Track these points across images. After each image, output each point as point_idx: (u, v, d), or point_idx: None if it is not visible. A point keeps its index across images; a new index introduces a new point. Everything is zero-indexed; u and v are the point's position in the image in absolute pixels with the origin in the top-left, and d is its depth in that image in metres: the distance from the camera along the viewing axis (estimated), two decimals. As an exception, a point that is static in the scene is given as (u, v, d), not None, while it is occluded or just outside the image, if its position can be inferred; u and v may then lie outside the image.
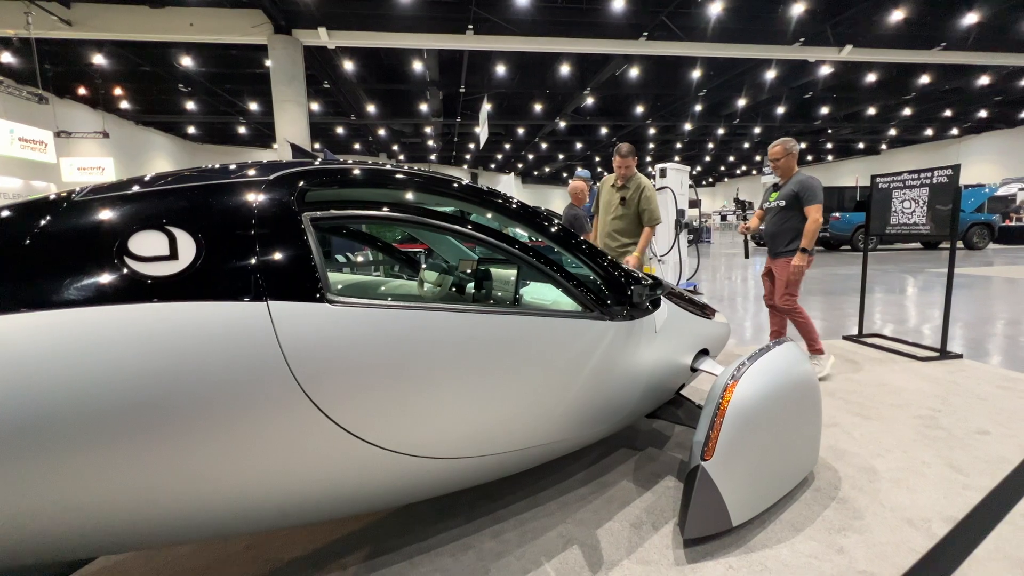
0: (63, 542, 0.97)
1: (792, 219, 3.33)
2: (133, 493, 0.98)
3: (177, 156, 27.33)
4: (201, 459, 1.01)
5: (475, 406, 1.40)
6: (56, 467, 0.89)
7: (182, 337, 0.95)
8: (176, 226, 1.04)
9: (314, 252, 1.15)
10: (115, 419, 0.91)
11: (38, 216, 0.98)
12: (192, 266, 1.01)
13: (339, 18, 14.01)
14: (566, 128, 24.00)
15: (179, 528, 1.09)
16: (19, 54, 14.83)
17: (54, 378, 0.86)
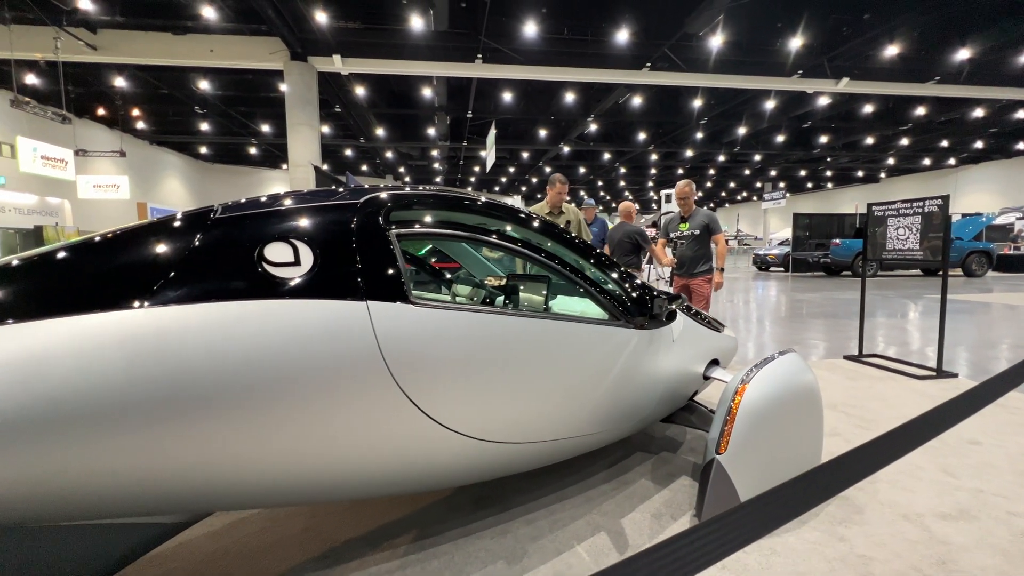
0: (199, 494, 1.16)
1: (705, 245, 4.11)
2: (257, 455, 1.17)
3: (189, 175, 27.93)
4: (311, 430, 1.21)
5: (525, 397, 1.61)
6: (214, 428, 1.08)
7: (303, 327, 1.17)
8: (298, 239, 1.27)
9: (399, 261, 1.37)
10: (251, 392, 1.11)
11: (192, 230, 1.21)
12: (311, 271, 1.23)
13: (353, 46, 14.61)
14: (570, 153, 24.62)
15: (288, 491, 1.28)
16: (44, 76, 15.41)
17: (210, 357, 1.06)
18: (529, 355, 1.60)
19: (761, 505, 0.72)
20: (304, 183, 15.04)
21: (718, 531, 0.66)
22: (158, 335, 1.03)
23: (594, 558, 1.66)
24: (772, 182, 31.77)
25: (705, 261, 4.13)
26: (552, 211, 4.03)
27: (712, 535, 0.65)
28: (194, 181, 28.32)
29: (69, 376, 0.95)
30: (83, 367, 0.96)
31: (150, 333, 1.02)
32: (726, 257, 4.19)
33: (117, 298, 1.04)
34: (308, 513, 1.95)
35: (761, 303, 9.51)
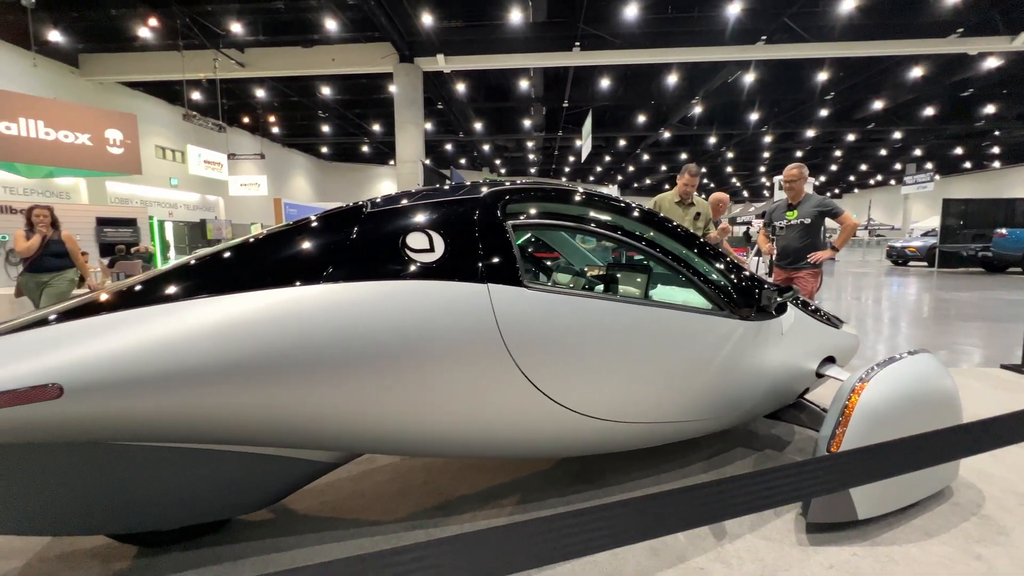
0: (351, 437, 1.44)
1: (815, 235, 3.68)
2: (395, 409, 1.41)
3: (313, 173, 31.32)
4: (439, 392, 1.43)
5: (626, 379, 1.70)
6: (366, 382, 1.34)
7: (436, 304, 1.38)
8: (432, 229, 1.49)
9: (515, 249, 1.54)
10: (394, 355, 1.35)
11: (351, 223, 1.48)
12: (443, 257, 1.45)
13: (455, 45, 15.25)
14: (670, 138, 23.43)
15: (416, 442, 1.52)
16: (205, 92, 18.23)
17: (367, 325, 1.31)
18: (631, 339, 1.68)
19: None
20: (410, 178, 16.15)
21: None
22: (331, 306, 1.29)
23: (691, 541, 1.70)
24: (916, 163, 27.24)
25: (812, 252, 3.69)
26: (682, 200, 3.87)
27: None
28: (317, 178, 31.72)
29: (268, 334, 1.24)
30: (278, 329, 1.25)
31: (325, 304, 1.29)
32: (847, 242, 3.66)
33: (299, 276, 1.32)
34: (427, 469, 2.22)
35: (897, 301, 8.36)
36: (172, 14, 13.26)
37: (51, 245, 4.17)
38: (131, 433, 1.22)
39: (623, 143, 25.07)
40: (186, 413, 1.20)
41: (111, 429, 1.18)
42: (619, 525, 1.09)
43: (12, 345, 1.09)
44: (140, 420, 1.17)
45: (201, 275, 1.36)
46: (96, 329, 1.14)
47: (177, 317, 1.19)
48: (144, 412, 1.16)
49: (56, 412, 1.05)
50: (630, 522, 1.08)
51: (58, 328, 1.14)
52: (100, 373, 1.07)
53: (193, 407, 1.19)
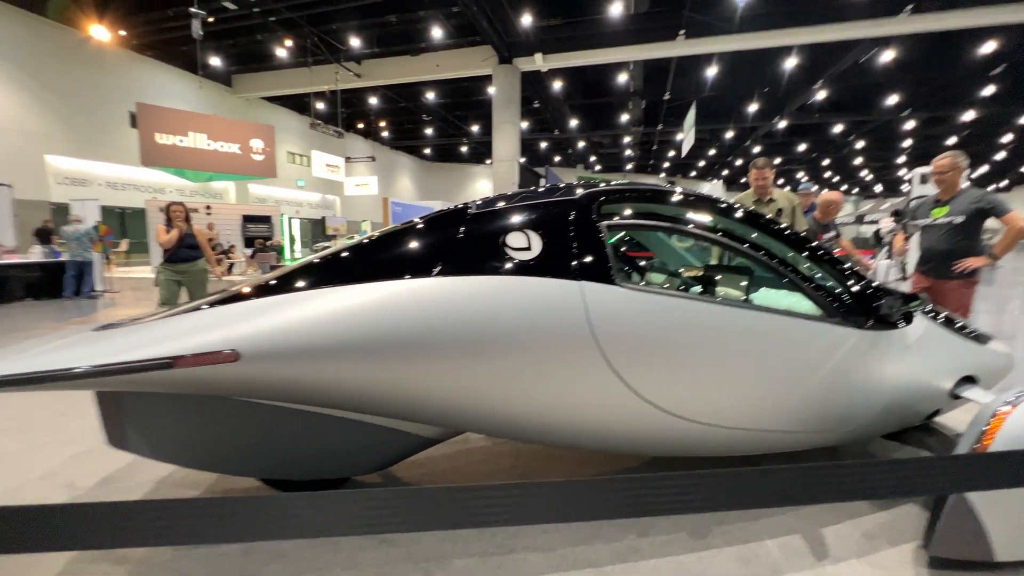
0: (454, 414, 1.59)
1: (971, 236, 3.05)
2: (492, 392, 1.52)
3: (416, 173, 33.44)
4: (533, 381, 1.51)
5: (720, 382, 1.64)
6: (468, 366, 1.47)
7: (534, 299, 1.48)
8: (530, 229, 1.59)
9: (608, 249, 1.58)
10: (493, 344, 1.46)
11: (459, 223, 1.63)
12: (539, 255, 1.54)
13: (553, 43, 15.31)
14: (786, 128, 21.33)
15: (510, 426, 1.62)
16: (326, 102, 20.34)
17: (472, 315, 1.44)
18: (726, 342, 1.62)
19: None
20: (506, 176, 16.59)
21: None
22: (441, 298, 1.44)
23: (785, 555, 1.60)
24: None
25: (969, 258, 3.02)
26: (759, 199, 3.61)
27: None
28: (419, 178, 33.81)
29: (391, 319, 1.41)
30: (398, 315, 1.42)
31: (436, 296, 1.44)
32: (1011, 248, 2.93)
33: (416, 270, 1.49)
34: (516, 455, 2.34)
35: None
36: (304, 34, 14.99)
37: (186, 238, 4.47)
38: (285, 394, 1.48)
39: (730, 135, 23.35)
40: (326, 380, 1.42)
41: (271, 389, 1.44)
42: (709, 492, 1.14)
43: (202, 319, 1.39)
44: (291, 383, 1.42)
45: (341, 266, 1.58)
46: (263, 308, 1.40)
47: (324, 300, 1.42)
48: (295, 377, 1.40)
49: (233, 373, 1.32)
50: (723, 491, 1.12)
51: (236, 306, 1.42)
52: (267, 343, 1.33)
53: (331, 376, 1.41)
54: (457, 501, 1.06)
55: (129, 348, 1.28)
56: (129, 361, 1.24)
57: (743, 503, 1.30)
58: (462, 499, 1.06)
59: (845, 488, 1.36)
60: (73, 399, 2.99)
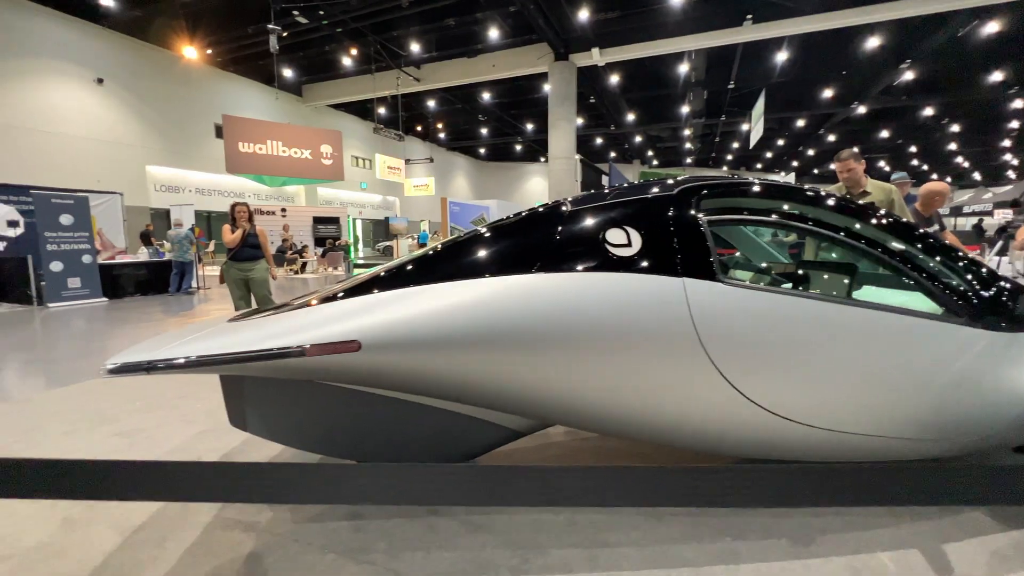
0: (547, 406, 1.62)
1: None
2: (588, 387, 1.54)
3: (471, 173, 34.01)
4: (631, 376, 1.52)
5: (830, 382, 1.56)
6: (568, 359, 1.50)
7: (634, 295, 1.48)
8: (629, 225, 1.59)
9: (710, 245, 1.55)
10: (594, 339, 1.48)
11: (557, 220, 1.66)
12: (639, 252, 1.53)
13: (610, 37, 15.03)
14: (866, 114, 19.71)
15: (603, 421, 1.63)
16: (387, 107, 21.13)
17: (575, 310, 1.47)
18: (837, 341, 1.53)
19: None
20: (562, 174, 16.51)
21: None
22: (545, 292, 1.48)
23: (902, 570, 1.50)
24: None
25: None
26: (850, 192, 3.32)
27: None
28: (474, 178, 34.36)
29: (495, 314, 1.46)
30: (502, 310, 1.47)
31: (539, 291, 1.48)
32: None
33: (519, 266, 1.53)
34: (596, 453, 2.34)
35: None
36: (367, 43, 15.65)
37: (249, 237, 4.53)
38: (397, 382, 1.57)
39: (801, 123, 21.92)
40: (434, 370, 1.50)
41: (385, 377, 1.54)
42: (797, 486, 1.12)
43: (328, 312, 1.51)
44: (404, 372, 1.51)
45: (448, 263, 1.65)
46: (381, 302, 1.51)
47: (435, 295, 1.50)
48: (407, 366, 1.49)
49: (354, 361, 1.42)
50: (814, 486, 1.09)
51: (357, 300, 1.54)
52: (384, 334, 1.42)
53: (439, 366, 1.49)
54: (529, 479, 1.12)
55: (268, 338, 1.41)
56: (269, 349, 1.38)
57: (842, 501, 1.26)
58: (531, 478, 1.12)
59: (953, 491, 1.26)
60: (187, 385, 3.33)
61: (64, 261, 7.22)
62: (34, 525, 1.74)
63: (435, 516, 1.80)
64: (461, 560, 1.57)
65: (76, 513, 1.82)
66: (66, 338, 5.16)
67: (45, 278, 7.13)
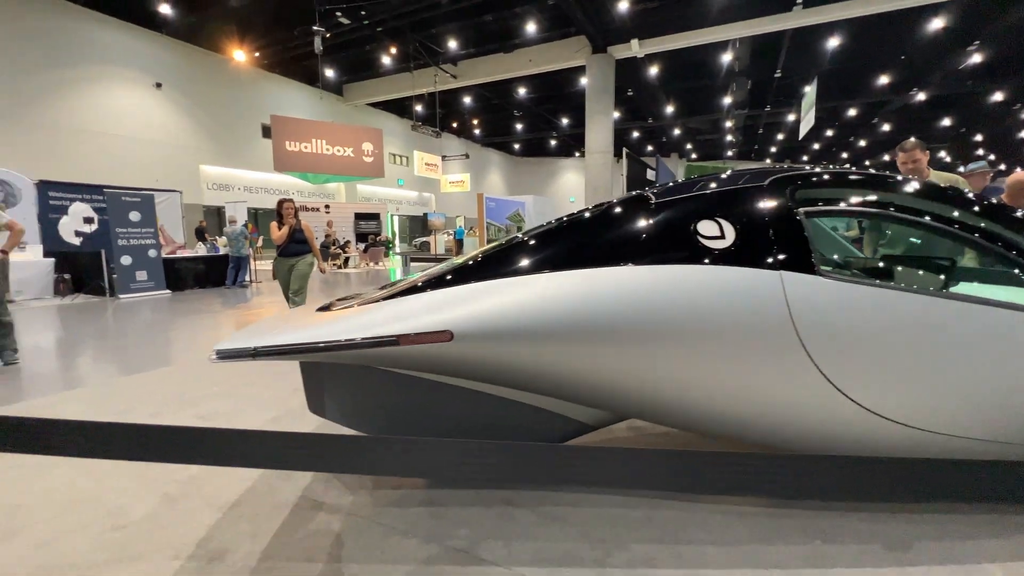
0: (628, 399, 1.60)
1: None
2: (673, 381, 1.51)
3: (505, 169, 34.05)
4: (720, 373, 1.48)
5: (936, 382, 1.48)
6: (653, 353, 1.47)
7: (728, 288, 1.44)
8: (721, 217, 1.55)
9: (809, 236, 1.50)
10: (683, 333, 1.45)
11: (644, 212, 1.64)
12: (734, 244, 1.50)
13: (650, 27, 14.68)
14: (926, 100, 18.53)
15: (687, 416, 1.60)
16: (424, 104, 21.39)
17: (667, 304, 1.44)
18: (948, 339, 1.45)
19: None
20: (599, 169, 16.30)
21: None
22: (635, 285, 1.46)
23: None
24: None
25: None
26: None
27: None
28: (508, 173, 34.40)
29: (583, 306, 1.46)
30: (595, 302, 1.46)
31: (630, 284, 1.46)
32: None
33: (610, 259, 1.53)
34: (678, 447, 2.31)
35: None
36: (407, 41, 15.88)
37: (295, 233, 4.60)
38: (484, 372, 1.58)
39: (853, 112, 20.83)
40: (521, 361, 1.51)
41: (473, 367, 1.55)
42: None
43: (420, 303, 1.55)
44: (492, 363, 1.52)
45: (534, 254, 1.65)
46: (472, 294, 1.53)
47: (524, 287, 1.50)
48: (494, 357, 1.50)
49: (446, 351, 1.45)
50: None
51: (448, 291, 1.56)
52: (475, 325, 1.44)
53: (526, 357, 1.50)
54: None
55: (363, 327, 1.46)
56: (366, 338, 1.42)
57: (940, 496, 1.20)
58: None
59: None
60: (255, 375, 3.48)
61: (133, 255, 7.70)
62: (137, 500, 1.86)
63: (510, 506, 1.82)
64: (543, 550, 1.58)
65: (173, 490, 1.94)
66: (143, 328, 5.50)
67: (116, 271, 7.62)
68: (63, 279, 7.96)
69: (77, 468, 2.12)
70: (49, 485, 1.99)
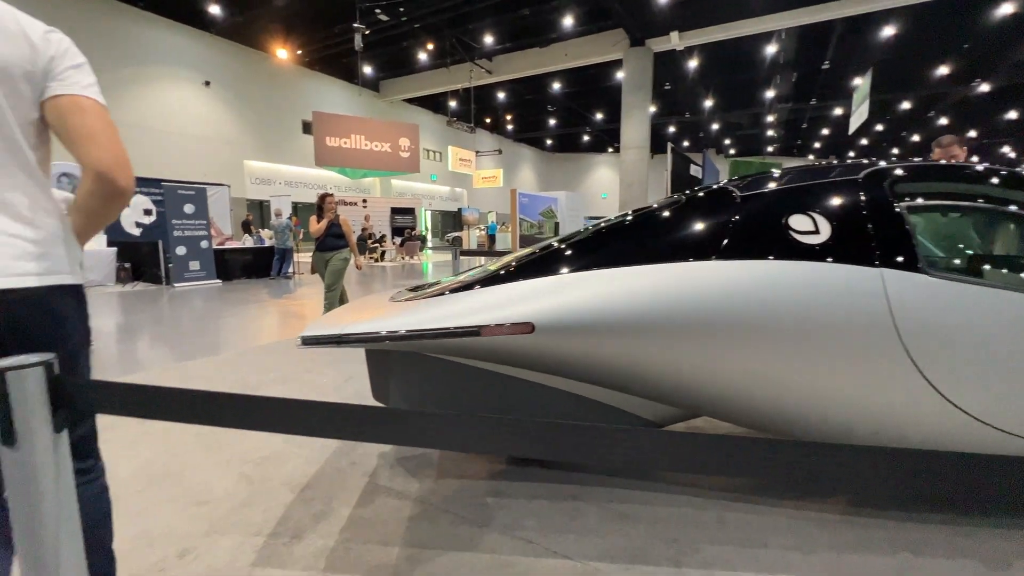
0: (706, 397, 1.56)
1: None
2: (759, 379, 1.46)
3: (536, 164, 33.92)
4: (814, 373, 1.42)
5: None
6: (744, 350, 1.42)
7: (823, 285, 1.38)
8: (814, 211, 1.49)
9: (912, 232, 1.42)
10: (773, 331, 1.40)
11: (730, 203, 1.58)
12: (830, 239, 1.43)
13: (691, 18, 14.27)
14: (988, 92, 17.38)
15: (770, 418, 1.54)
16: (459, 100, 21.50)
17: (757, 301, 1.39)
18: None
19: None
20: (635, 165, 16.03)
21: None
22: (723, 280, 1.42)
23: None
24: None
25: None
26: None
27: None
28: (539, 169, 34.27)
29: (674, 300, 1.42)
30: (681, 297, 1.42)
31: (718, 279, 1.42)
32: None
33: (696, 252, 1.48)
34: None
35: None
36: (443, 37, 15.99)
37: (332, 227, 4.56)
38: (561, 366, 1.56)
39: (906, 106, 19.76)
40: (600, 356, 1.49)
41: (552, 361, 1.54)
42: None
43: (498, 294, 1.55)
44: (571, 357, 1.50)
45: (615, 246, 1.62)
46: (554, 286, 1.52)
47: (609, 280, 1.48)
48: (574, 350, 1.48)
49: (525, 343, 1.45)
50: None
51: (528, 283, 1.55)
52: (557, 318, 1.43)
53: (607, 351, 1.47)
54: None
55: (444, 317, 1.47)
56: (447, 327, 1.43)
57: None
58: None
59: None
60: (310, 362, 3.59)
61: (187, 246, 8.07)
62: (217, 479, 1.95)
63: (578, 501, 1.81)
64: (614, 547, 1.56)
65: (248, 471, 2.01)
66: (201, 315, 5.76)
67: (172, 260, 8.01)
68: (123, 267, 8.42)
69: (159, 447, 2.23)
70: (137, 462, 2.11)
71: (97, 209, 1.05)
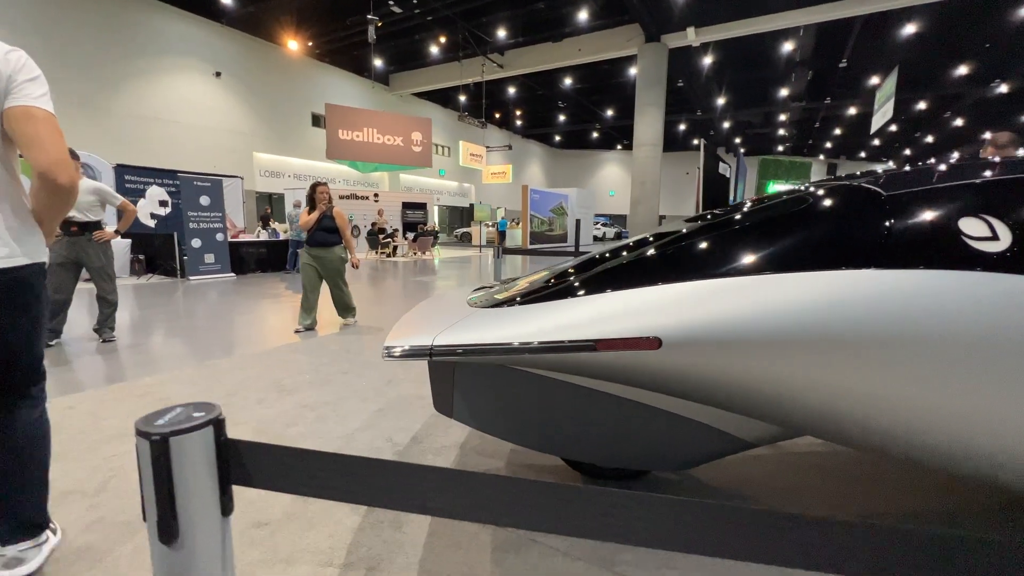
0: (816, 418, 1.40)
1: None
2: (902, 401, 1.26)
3: (545, 160, 33.69)
4: (984, 396, 1.21)
5: None
6: (897, 371, 1.23)
7: (1008, 299, 1.18)
8: (990, 214, 1.30)
9: None
10: (938, 353, 1.21)
11: (881, 202, 1.38)
12: (1012, 246, 1.23)
13: (709, 13, 14.04)
14: (1007, 93, 17.12)
15: (906, 442, 1.34)
16: (469, 95, 21.28)
17: (925, 315, 1.20)
18: None
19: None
20: (648, 162, 15.83)
21: None
22: (884, 291, 1.24)
23: None
24: None
25: None
26: None
27: None
28: (548, 165, 34.03)
29: (826, 313, 1.24)
30: (835, 309, 1.24)
31: (883, 290, 1.24)
32: None
33: (844, 260, 1.30)
34: (822, 472, 2.11)
35: None
36: (456, 30, 15.76)
37: (324, 220, 4.13)
38: (686, 387, 1.39)
39: (923, 106, 19.49)
40: (732, 374, 1.32)
41: (678, 381, 1.36)
42: None
43: (616, 304, 1.37)
44: (696, 377, 1.33)
45: (743, 251, 1.43)
46: (682, 296, 1.35)
47: (744, 290, 1.30)
48: (703, 369, 1.31)
49: (650, 360, 1.29)
50: None
51: (650, 292, 1.39)
52: (692, 333, 1.27)
53: (739, 370, 1.30)
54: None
55: (551, 330, 1.32)
56: (559, 341, 1.28)
57: None
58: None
59: None
60: (344, 363, 3.45)
61: (202, 238, 7.92)
62: (273, 497, 1.81)
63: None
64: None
65: (304, 485, 1.87)
66: (221, 310, 5.61)
67: (187, 253, 7.86)
68: (137, 259, 8.28)
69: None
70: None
71: (45, 202, 1.27)
